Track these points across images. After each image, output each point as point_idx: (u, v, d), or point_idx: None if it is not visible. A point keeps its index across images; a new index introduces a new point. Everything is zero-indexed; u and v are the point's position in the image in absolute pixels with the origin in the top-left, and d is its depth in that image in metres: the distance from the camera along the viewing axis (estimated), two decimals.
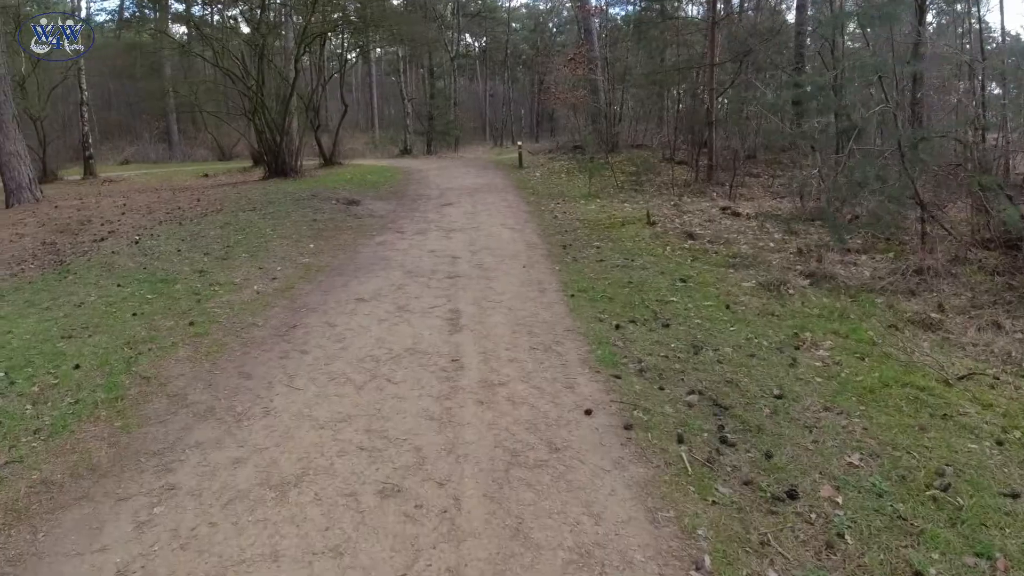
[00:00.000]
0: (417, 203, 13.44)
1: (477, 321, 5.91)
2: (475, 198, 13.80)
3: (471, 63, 53.10)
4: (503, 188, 15.32)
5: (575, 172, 17.77)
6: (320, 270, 8.20)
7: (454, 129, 32.30)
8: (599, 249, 8.92)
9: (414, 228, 10.64)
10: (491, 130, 44.45)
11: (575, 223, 10.85)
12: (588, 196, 13.83)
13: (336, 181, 16.11)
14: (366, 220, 11.45)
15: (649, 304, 6.45)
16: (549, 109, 46.94)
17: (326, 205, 12.38)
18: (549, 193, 14.48)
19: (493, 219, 11.20)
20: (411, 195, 14.63)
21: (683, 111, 18.87)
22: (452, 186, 15.83)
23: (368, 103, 41.08)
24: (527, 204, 12.98)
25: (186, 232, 10.58)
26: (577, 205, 12.77)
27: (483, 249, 8.90)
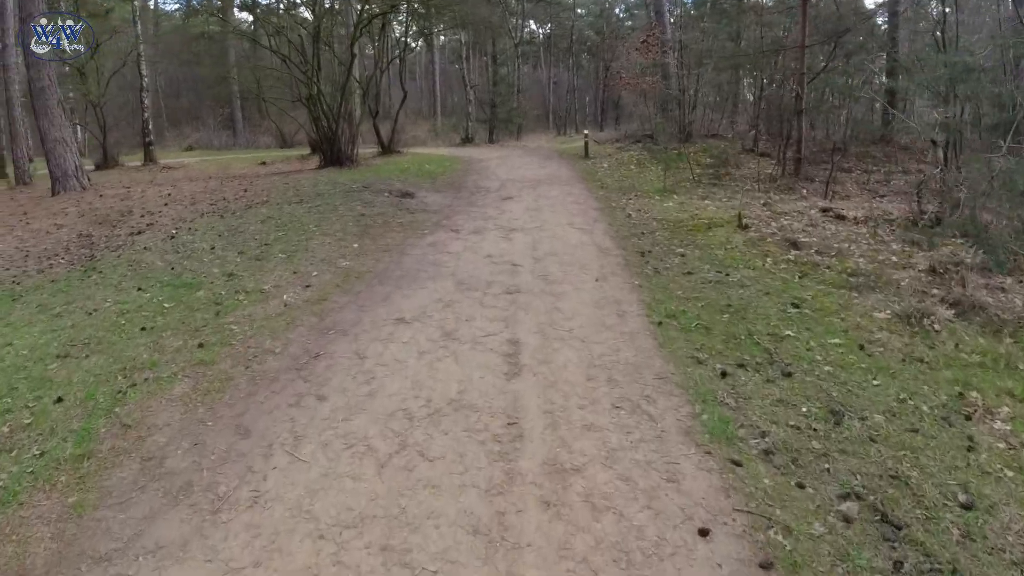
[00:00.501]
0: (475, 196, 12.17)
1: (541, 359, 4.59)
2: (538, 191, 12.44)
3: (535, 50, 51.51)
4: (568, 180, 13.90)
5: (646, 163, 16.18)
6: (360, 277, 7.02)
7: (517, 117, 30.90)
8: (684, 258, 7.46)
9: (470, 226, 9.37)
10: (554, 118, 42.85)
11: (652, 223, 9.38)
12: (663, 191, 12.28)
13: (392, 171, 15.00)
14: (418, 215, 10.24)
15: (759, 338, 5.00)
16: (615, 97, 45.04)
17: (377, 198, 11.24)
18: (619, 187, 12.99)
19: (558, 217, 9.83)
20: (469, 187, 13.38)
21: (766, 98, 17.00)
22: (513, 177, 14.50)
23: (431, 91, 40.05)
24: (596, 199, 11.54)
25: (226, 226, 9.62)
26: (652, 201, 11.26)
27: (548, 255, 7.55)
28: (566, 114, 42.85)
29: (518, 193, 12.28)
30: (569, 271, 6.84)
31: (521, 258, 7.43)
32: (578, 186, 13.10)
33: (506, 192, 12.46)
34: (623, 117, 44.65)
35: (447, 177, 14.71)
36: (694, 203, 11.06)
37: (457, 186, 13.50)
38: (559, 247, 7.91)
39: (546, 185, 13.22)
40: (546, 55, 47.86)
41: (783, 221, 9.29)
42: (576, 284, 6.36)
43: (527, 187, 13.00)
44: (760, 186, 13.00)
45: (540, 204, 10.96)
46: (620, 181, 13.85)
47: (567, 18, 43.59)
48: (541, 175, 14.80)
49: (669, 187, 12.71)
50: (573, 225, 9.19)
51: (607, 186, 13.10)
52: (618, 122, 44.19)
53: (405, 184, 12.92)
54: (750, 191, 13.10)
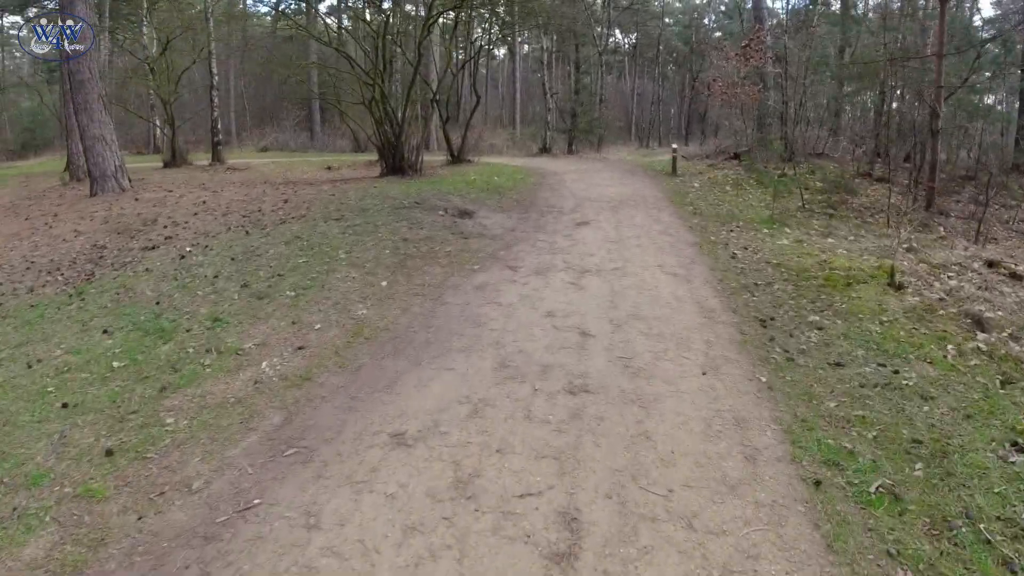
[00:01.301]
0: (544, 219, 10.09)
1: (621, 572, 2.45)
2: (619, 215, 10.23)
3: (619, 60, 49.05)
4: (654, 202, 11.62)
5: (745, 185, 13.67)
6: (373, 337, 5.06)
7: (598, 127, 28.60)
8: (824, 333, 5.13)
9: (533, 262, 7.30)
10: (637, 130, 40.29)
11: (766, 269, 7.04)
12: (771, 222, 9.84)
13: (456, 183, 13.11)
14: (472, 243, 8.25)
15: (988, 524, 2.71)
16: (701, 110, 42.07)
17: (429, 217, 9.33)
18: (716, 213, 10.61)
19: (645, 253, 7.62)
20: (539, 206, 11.30)
21: (888, 114, 14.15)
22: (591, 196, 12.33)
23: (512, 98, 38.26)
24: (689, 229, 9.25)
25: (245, 246, 7.92)
26: (760, 236, 8.87)
27: (632, 317, 5.37)
28: (649, 126, 40.21)
29: (595, 216, 10.10)
30: (663, 351, 4.64)
31: (595, 321, 5.28)
32: (667, 210, 10.80)
33: (582, 214, 10.31)
34: (710, 131, 41.61)
35: (516, 193, 12.67)
36: (814, 241, 8.60)
37: (525, 204, 11.45)
38: (646, 304, 5.72)
39: (629, 207, 10.98)
40: (631, 65, 45.31)
41: (945, 279, 6.76)
42: (674, 380, 4.16)
43: (606, 209, 10.80)
44: (890, 220, 10.36)
45: (622, 234, 8.77)
46: (716, 206, 11.44)
47: (654, 27, 41.03)
48: (623, 194, 12.55)
49: (777, 217, 10.24)
50: (664, 268, 6.96)
51: (701, 212, 10.73)
52: (704, 136, 41.20)
53: (466, 200, 10.97)
54: (872, 225, 10.49)
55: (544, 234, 8.89)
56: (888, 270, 6.59)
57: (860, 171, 14.06)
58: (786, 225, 9.69)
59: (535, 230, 9.19)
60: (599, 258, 7.39)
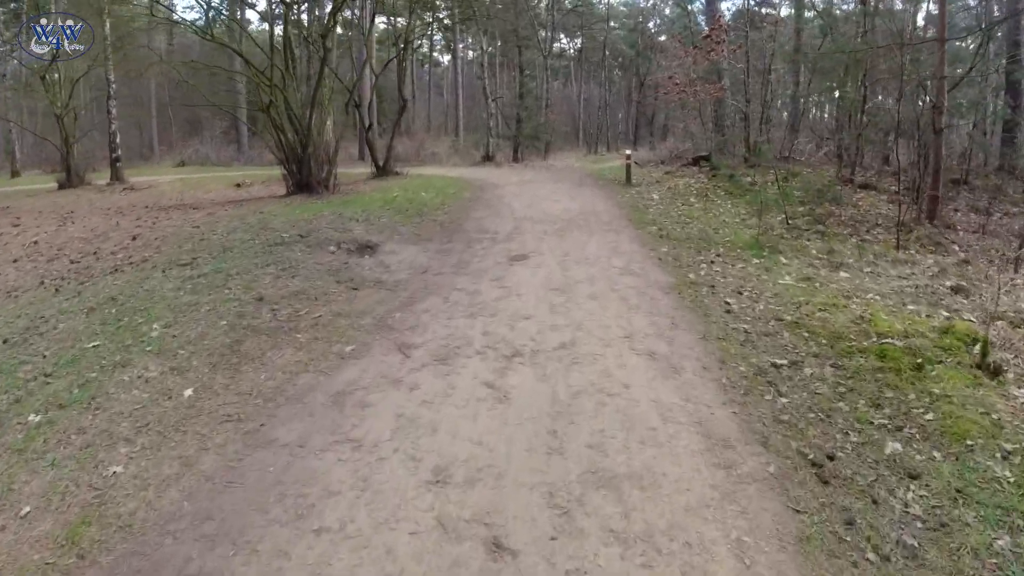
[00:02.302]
0: (471, 251, 7.58)
1: None
2: (567, 242, 7.80)
3: (565, 64, 46.97)
4: (610, 221, 9.22)
5: (713, 195, 11.40)
6: (90, 556, 2.45)
7: (544, 133, 26.24)
8: (926, 491, 2.73)
9: (438, 336, 4.75)
10: (584, 135, 38.14)
11: (780, 332, 4.66)
12: (758, 247, 7.53)
13: (372, 203, 10.50)
14: (360, 299, 5.67)
15: None
16: (649, 114, 40.24)
17: (312, 257, 6.71)
18: (687, 235, 8.26)
19: (605, 311, 5.17)
20: (468, 231, 8.79)
21: (870, 112, 12.08)
22: (533, 214, 9.87)
23: (455, 105, 35.63)
24: (659, 262, 6.85)
25: (32, 317, 5.20)
26: (751, 269, 6.53)
27: (591, 484, 2.85)
28: (597, 131, 38.12)
29: (537, 246, 7.63)
30: (651, 560, 2.15)
31: (522, 499, 2.74)
32: (625, 233, 8.40)
33: (519, 243, 7.84)
34: (658, 135, 39.77)
35: (443, 212, 10.12)
36: (824, 277, 6.29)
37: (451, 229, 8.91)
38: (614, 438, 3.22)
39: (579, 230, 8.54)
40: (577, 69, 43.21)
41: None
42: None
43: (551, 233, 8.35)
44: (899, 242, 8.20)
45: (570, 275, 6.29)
46: (684, 224, 9.10)
47: (600, 30, 38.95)
48: (572, 210, 10.12)
49: (763, 239, 7.95)
50: (635, 341, 4.49)
51: (669, 234, 8.37)
52: (653, 140, 39.32)
53: (373, 227, 8.38)
54: (881, 247, 8.32)
55: (466, 277, 6.35)
56: (962, 334, 4.27)
57: (840, 176, 11.94)
58: (778, 251, 7.38)
59: (455, 271, 6.65)
60: (537, 324, 4.87)
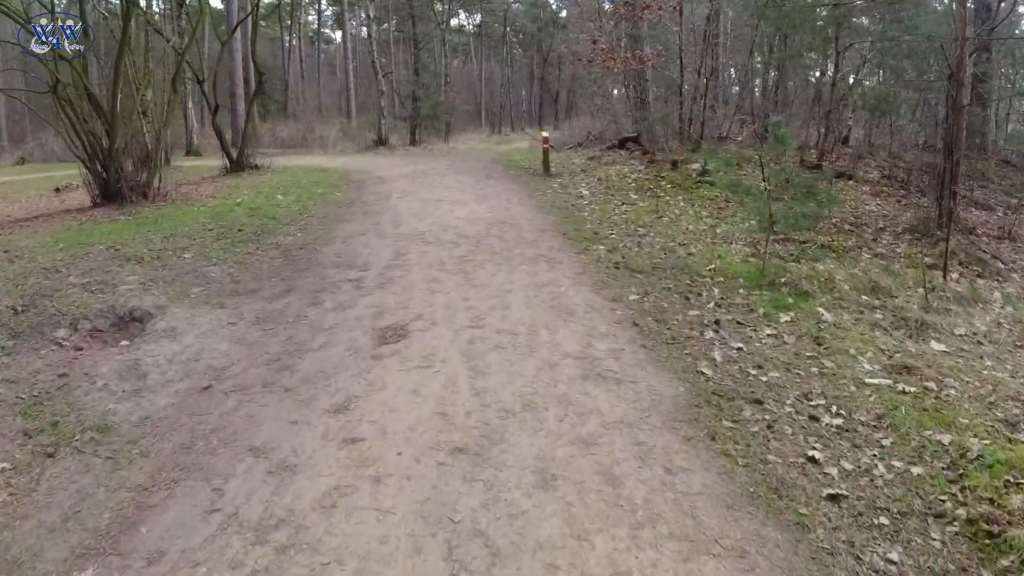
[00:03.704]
0: (314, 319, 4.28)
1: None
2: (477, 290, 4.66)
3: (465, 41, 43.23)
4: (538, 239, 6.16)
5: (659, 190, 8.58)
6: None
7: (444, 113, 22.78)
8: None
9: None
10: (487, 114, 34.84)
11: None
12: (770, 285, 4.71)
13: (193, 220, 6.95)
14: (34, 495, 2.28)
15: None
16: (554, 92, 37.40)
17: (11, 362, 3.19)
18: (652, 261, 5.37)
19: (574, 518, 2.07)
20: (322, 267, 5.46)
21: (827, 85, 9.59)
22: (426, 229, 6.64)
23: (345, 85, 31.27)
24: (640, 335, 3.83)
25: None
26: (793, 339, 3.68)
27: None
28: (500, 111, 34.89)
29: (426, 303, 4.43)
30: None
31: None
32: (565, 261, 5.36)
33: (398, 294, 4.62)
34: (562, 113, 37.08)
35: (295, 230, 6.70)
36: (915, 357, 3.52)
37: (295, 266, 5.53)
38: None
39: (494, 259, 5.42)
40: (477, 46, 39.65)
41: None
42: None
43: (452, 268, 5.17)
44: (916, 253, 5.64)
45: (489, 398, 3.14)
46: (638, 237, 6.20)
47: (500, 4, 35.49)
48: (481, 219, 6.98)
49: (769, 267, 5.14)
50: None
51: (627, 258, 5.42)
52: (557, 119, 36.60)
53: (160, 273, 4.88)
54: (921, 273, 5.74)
55: (283, 405, 3.08)
56: None
57: (804, 162, 9.44)
58: (802, 292, 4.57)
59: (268, 382, 3.34)
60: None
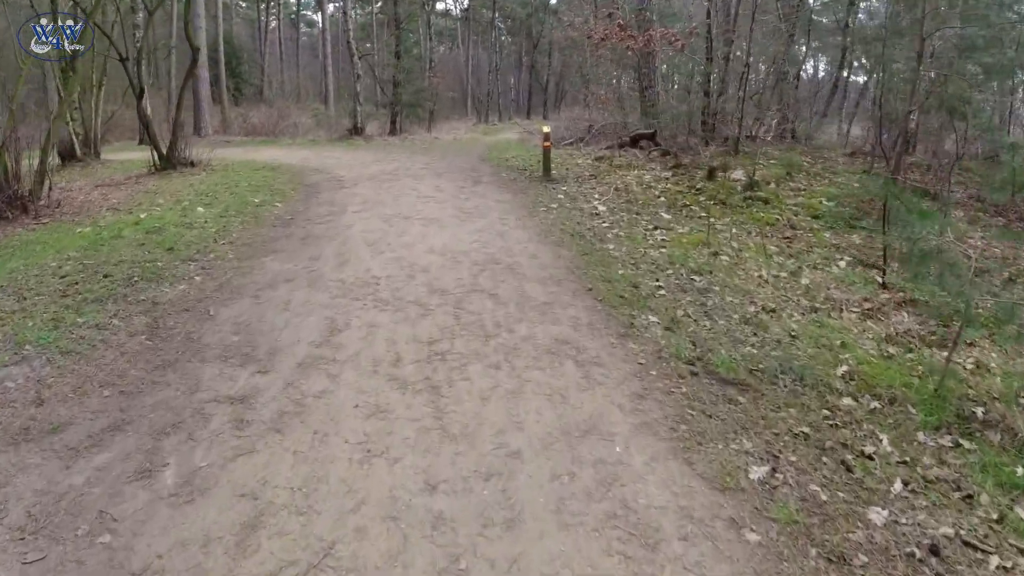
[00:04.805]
0: (110, 526, 2.01)
1: None
2: (447, 417, 2.59)
3: (452, 26, 40.47)
4: (545, 288, 4.01)
5: (694, 204, 6.38)
6: None
7: (427, 100, 20.30)
8: None
9: None
10: (474, 102, 32.31)
11: None
12: (958, 420, 2.55)
13: (63, 252, 4.71)
14: None
15: None
16: (543, 79, 34.80)
17: None
18: (741, 353, 3.15)
19: None
20: (197, 358, 3.27)
21: (916, 82, 7.44)
22: (379, 269, 4.45)
23: (323, 69, 28.55)
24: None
25: None
26: None
27: None
28: (488, 98, 32.37)
29: (352, 497, 2.20)
30: None
31: None
32: (600, 347, 3.17)
33: (289, 454, 2.42)
34: (552, 103, 34.60)
35: (194, 271, 4.41)
36: None
37: (145, 368, 3.28)
38: None
39: (480, 335, 3.26)
40: (464, 31, 36.92)
41: None
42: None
43: (409, 376, 2.98)
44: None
45: None
46: (702, 295, 4.01)
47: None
48: (462, 252, 4.76)
49: (942, 385, 2.96)
50: None
51: (700, 346, 3.21)
52: (546, 108, 34.14)
53: None
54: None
55: None
56: None
57: (873, 175, 7.31)
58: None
59: None
60: None
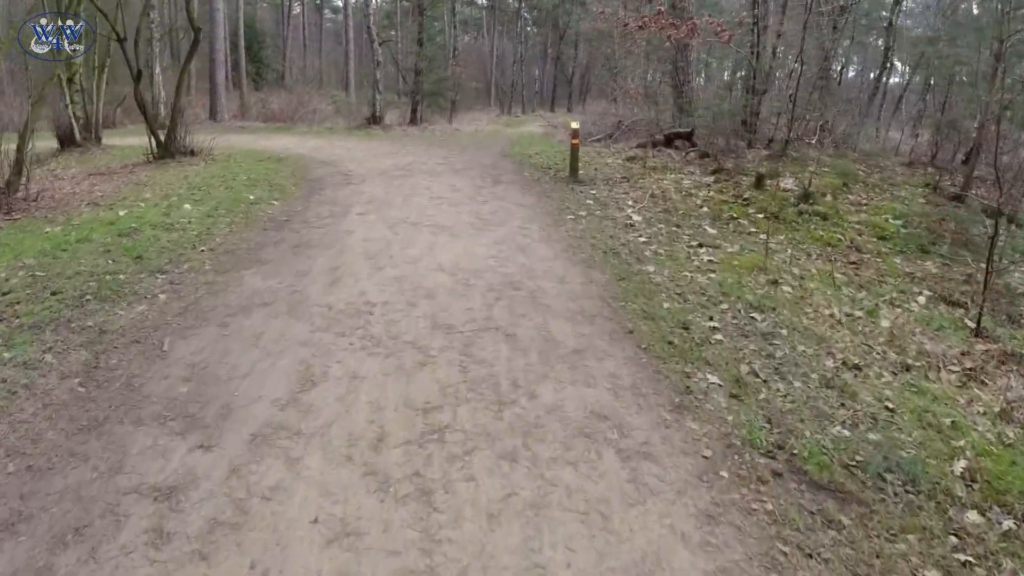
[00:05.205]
0: None
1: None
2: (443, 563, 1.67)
3: (477, 15, 39.46)
4: (575, 329, 3.28)
5: (739, 216, 5.53)
6: None
7: (449, 90, 19.47)
8: None
9: None
10: (498, 92, 31.41)
11: None
12: None
13: (22, 258, 3.99)
14: None
15: None
16: (568, 71, 33.75)
17: None
18: (832, 440, 2.36)
19: None
20: (132, 415, 2.59)
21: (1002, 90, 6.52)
22: (376, 292, 3.76)
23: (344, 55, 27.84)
24: None
25: None
26: None
27: None
28: (512, 89, 31.46)
29: None
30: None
31: None
32: (650, 424, 2.40)
33: None
34: (577, 95, 33.55)
35: (146, 296, 3.70)
36: None
37: (64, 430, 2.55)
38: None
39: (493, 400, 2.52)
40: (490, 20, 35.90)
41: None
42: None
43: (393, 469, 2.23)
44: None
45: None
46: (763, 341, 3.21)
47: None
48: (475, 272, 4.02)
49: None
50: None
51: (779, 426, 2.41)
52: (571, 101, 33.12)
53: None
54: None
55: None
56: None
57: (941, 190, 6.39)
58: None
59: None
60: None
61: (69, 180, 7.06)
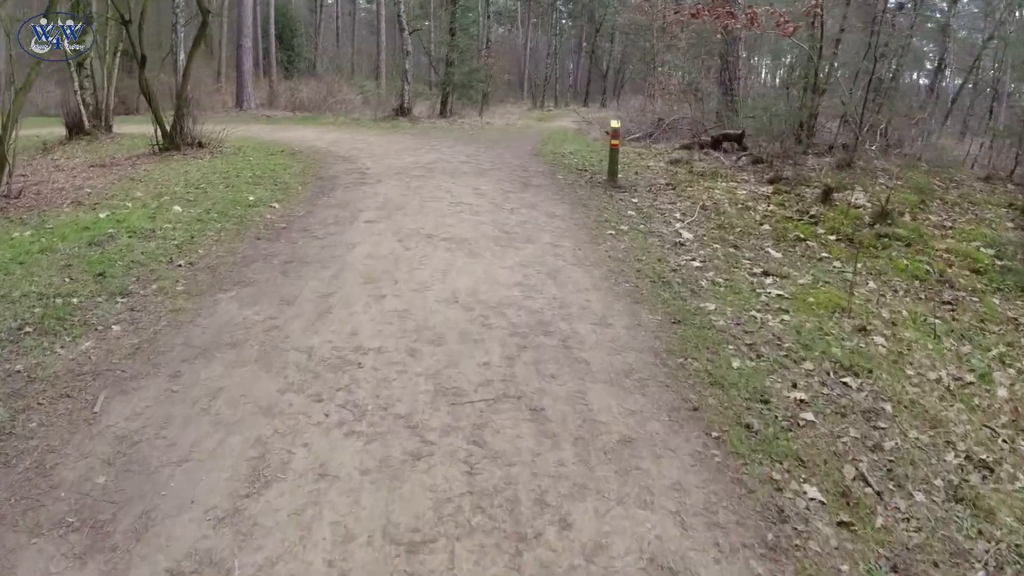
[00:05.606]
0: None
1: None
2: None
3: (512, 8, 38.46)
4: (620, 401, 2.59)
5: (813, 241, 4.67)
6: None
7: (480, 82, 18.66)
8: None
9: None
10: (530, 86, 30.51)
11: None
12: None
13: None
14: None
15: None
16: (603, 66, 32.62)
17: None
18: None
19: None
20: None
21: None
22: (371, 336, 3.14)
23: (376, 45, 27.21)
24: None
25: None
26: None
27: None
28: (544, 83, 30.55)
29: None
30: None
31: None
32: None
33: None
34: (611, 90, 32.41)
35: (85, 333, 3.04)
36: None
37: None
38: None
39: (522, 554, 1.68)
40: (525, 11, 34.90)
41: None
42: None
43: None
44: None
45: None
46: (868, 426, 2.41)
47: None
48: (496, 308, 3.34)
49: None
50: None
51: None
52: (605, 96, 31.99)
53: None
54: None
55: None
56: None
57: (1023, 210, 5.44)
58: None
59: None
60: None
61: (68, 172, 6.52)
